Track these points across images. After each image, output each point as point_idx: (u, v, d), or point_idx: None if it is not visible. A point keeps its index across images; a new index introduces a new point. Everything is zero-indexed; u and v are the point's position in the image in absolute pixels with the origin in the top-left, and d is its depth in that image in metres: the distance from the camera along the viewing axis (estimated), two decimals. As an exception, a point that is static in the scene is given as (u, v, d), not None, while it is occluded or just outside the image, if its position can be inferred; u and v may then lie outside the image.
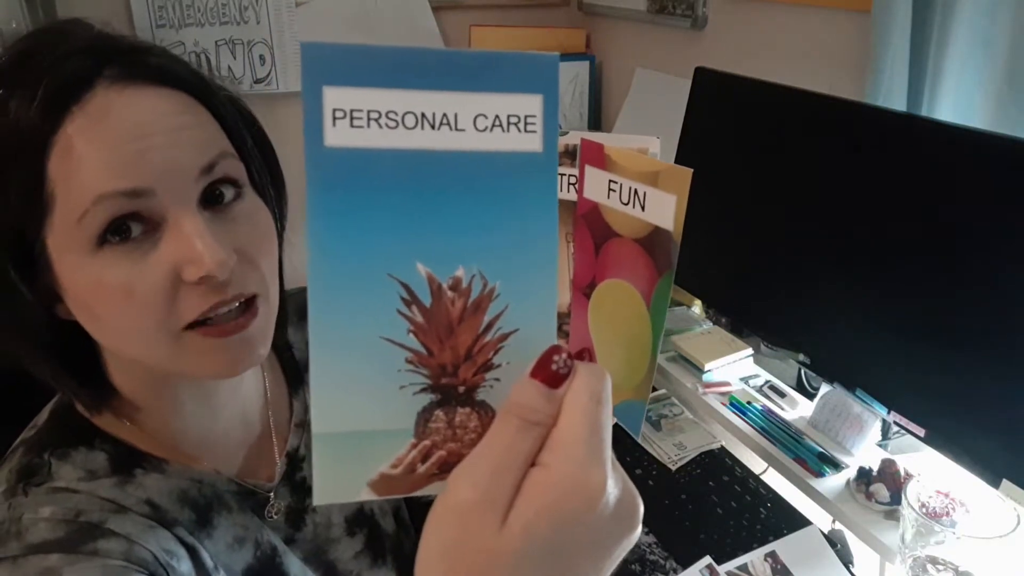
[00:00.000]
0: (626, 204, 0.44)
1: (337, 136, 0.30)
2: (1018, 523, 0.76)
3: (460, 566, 0.31)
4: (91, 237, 0.49)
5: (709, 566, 0.93)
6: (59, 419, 0.60)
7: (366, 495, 0.33)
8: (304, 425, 0.71)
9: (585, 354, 0.44)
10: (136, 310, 0.50)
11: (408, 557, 0.73)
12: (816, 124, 1.03)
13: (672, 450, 1.16)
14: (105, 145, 0.48)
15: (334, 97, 0.30)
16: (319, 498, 0.32)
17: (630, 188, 0.43)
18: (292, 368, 0.74)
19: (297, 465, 0.69)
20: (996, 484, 0.80)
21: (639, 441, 1.18)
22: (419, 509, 0.82)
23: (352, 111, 0.30)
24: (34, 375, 0.57)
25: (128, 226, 0.49)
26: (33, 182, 0.48)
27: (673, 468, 1.13)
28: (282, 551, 0.66)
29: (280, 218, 0.62)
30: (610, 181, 0.44)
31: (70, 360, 0.56)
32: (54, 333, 0.54)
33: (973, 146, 0.83)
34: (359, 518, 0.73)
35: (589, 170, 0.45)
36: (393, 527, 0.76)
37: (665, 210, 0.41)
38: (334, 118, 0.30)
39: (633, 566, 0.95)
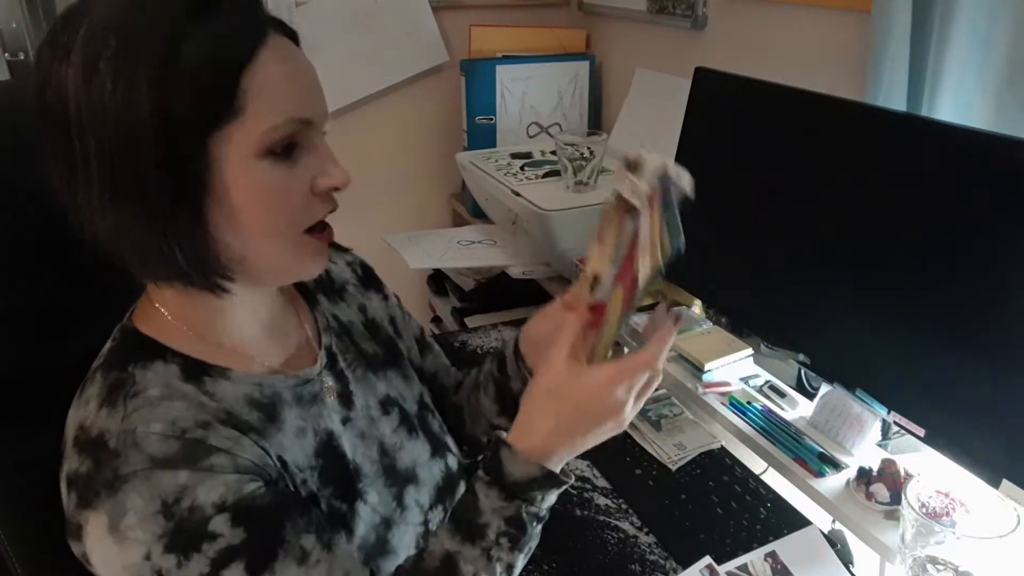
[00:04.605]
0: None
1: None
2: (1018, 523, 0.76)
3: (564, 394, 0.66)
4: (267, 146, 0.61)
5: (709, 566, 0.93)
6: (129, 338, 0.68)
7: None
8: (330, 329, 0.81)
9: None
10: (279, 209, 0.63)
11: (432, 432, 0.85)
12: (816, 124, 1.03)
13: (672, 450, 1.16)
14: (294, 78, 0.62)
15: None
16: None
17: None
18: (302, 290, 0.84)
19: (334, 359, 0.80)
20: (996, 484, 0.80)
21: (639, 441, 1.18)
22: (439, 397, 0.94)
23: None
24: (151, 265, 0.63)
25: (292, 144, 0.63)
26: (229, 92, 0.58)
27: (673, 468, 1.13)
28: (337, 434, 0.74)
29: None
30: None
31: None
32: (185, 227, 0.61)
33: (973, 146, 0.83)
34: (388, 400, 0.83)
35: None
36: (415, 409, 0.85)
37: None
38: None
39: (633, 566, 0.95)
